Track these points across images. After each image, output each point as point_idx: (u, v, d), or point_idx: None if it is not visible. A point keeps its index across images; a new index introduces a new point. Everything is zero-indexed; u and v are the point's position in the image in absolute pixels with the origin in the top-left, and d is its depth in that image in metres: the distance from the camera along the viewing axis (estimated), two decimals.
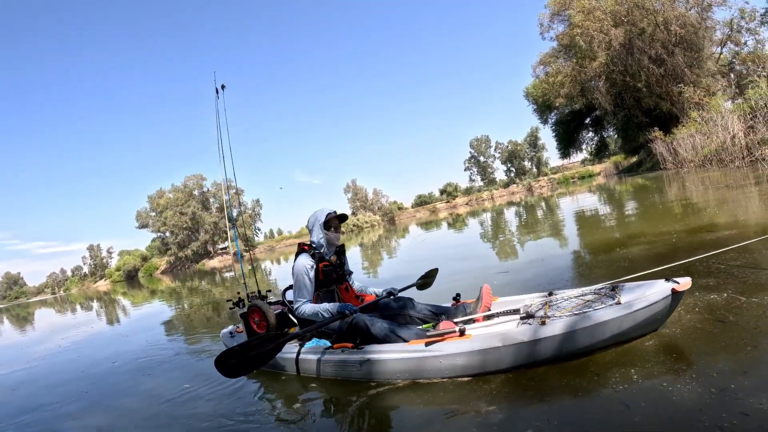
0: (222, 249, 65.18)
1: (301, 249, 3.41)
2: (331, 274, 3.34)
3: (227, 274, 23.67)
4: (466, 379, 2.46)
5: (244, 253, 5.06)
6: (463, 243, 11.79)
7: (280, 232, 77.51)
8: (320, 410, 2.62)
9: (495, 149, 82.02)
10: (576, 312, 2.39)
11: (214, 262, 57.76)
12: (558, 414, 1.94)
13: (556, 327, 2.31)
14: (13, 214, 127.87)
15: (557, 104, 32.42)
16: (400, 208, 71.68)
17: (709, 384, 1.87)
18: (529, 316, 2.50)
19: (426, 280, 4.05)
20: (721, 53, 26.62)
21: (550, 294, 2.85)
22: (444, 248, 11.60)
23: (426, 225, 26.27)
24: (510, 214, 18.73)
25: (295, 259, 3.36)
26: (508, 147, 79.88)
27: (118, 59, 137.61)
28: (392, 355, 2.66)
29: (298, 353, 3.18)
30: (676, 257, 2.55)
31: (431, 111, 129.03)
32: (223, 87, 4.64)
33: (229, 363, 2.60)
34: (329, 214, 3.44)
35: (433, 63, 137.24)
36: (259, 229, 69.38)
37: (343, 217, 3.53)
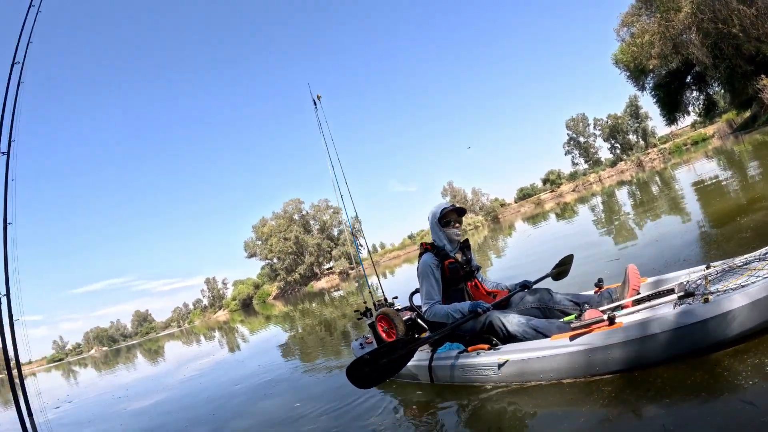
0: (328, 269, 67.20)
1: (424, 249, 3.28)
2: (458, 272, 3.15)
3: (335, 293, 24.35)
4: (600, 377, 2.24)
5: (358, 265, 5.18)
6: (572, 232, 11.30)
7: (382, 246, 77.73)
8: (455, 421, 2.50)
9: (594, 126, 75.76)
10: (743, 284, 2.04)
11: (321, 283, 59.54)
12: (675, 417, 1.73)
13: (723, 305, 1.96)
14: (136, 257, 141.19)
15: (651, 66, 29.19)
16: (502, 205, 69.22)
17: None
18: (687, 294, 2.19)
19: (562, 269, 3.77)
20: None
21: (708, 267, 2.50)
22: (552, 240, 11.20)
23: (532, 219, 25.46)
24: (621, 194, 17.70)
25: (419, 260, 3.24)
26: (608, 122, 73.39)
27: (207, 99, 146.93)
28: (533, 354, 2.44)
29: (431, 360, 3.05)
30: None
31: (519, 99, 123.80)
32: (319, 98, 4.68)
33: (362, 372, 2.56)
34: (444, 208, 3.28)
35: (513, 48, 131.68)
36: (361, 245, 70.22)
37: (461, 211, 3.33)
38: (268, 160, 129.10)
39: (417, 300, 3.44)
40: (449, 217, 3.28)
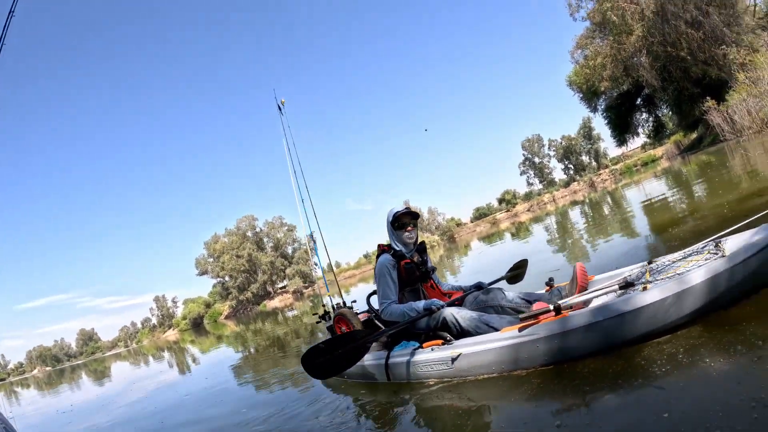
0: (281, 288, 65.69)
1: (381, 250, 3.33)
2: (413, 272, 3.22)
3: (289, 313, 23.96)
4: (525, 371, 2.37)
5: (320, 279, 5.09)
6: (517, 250, 11.71)
7: (338, 265, 76.95)
8: (407, 417, 2.52)
9: (549, 147, 77.32)
10: (679, 273, 2.20)
11: (275, 302, 58.04)
12: (596, 403, 1.87)
13: (659, 292, 2.10)
14: (82, 273, 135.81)
15: (603, 88, 30.22)
16: (458, 225, 69.25)
17: (752, 354, 1.75)
18: (628, 285, 2.33)
19: (516, 272, 3.87)
20: (755, 5, 24.83)
21: (650, 262, 2.65)
22: (507, 254, 11.48)
23: (488, 238, 25.76)
24: (572, 213, 18.19)
25: (376, 261, 3.29)
26: (562, 143, 75.08)
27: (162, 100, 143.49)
28: (484, 347, 2.52)
29: (387, 358, 3.09)
30: (725, 227, 2.45)
31: (476, 119, 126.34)
32: (283, 103, 4.63)
33: (317, 361, 2.60)
34: (397, 212, 3.34)
35: (471, 69, 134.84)
36: (316, 264, 68.93)
37: (414, 215, 3.39)
38: (222, 176, 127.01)
39: (374, 302, 3.48)
40: (402, 220, 3.35)
